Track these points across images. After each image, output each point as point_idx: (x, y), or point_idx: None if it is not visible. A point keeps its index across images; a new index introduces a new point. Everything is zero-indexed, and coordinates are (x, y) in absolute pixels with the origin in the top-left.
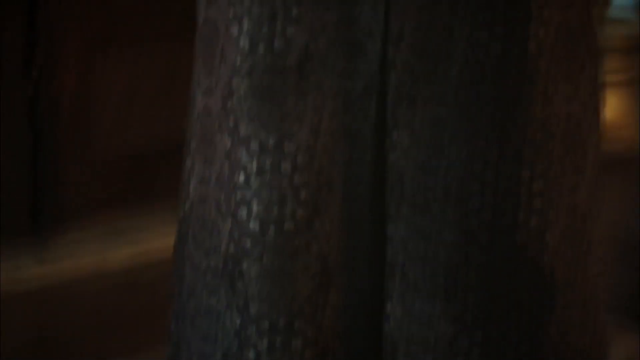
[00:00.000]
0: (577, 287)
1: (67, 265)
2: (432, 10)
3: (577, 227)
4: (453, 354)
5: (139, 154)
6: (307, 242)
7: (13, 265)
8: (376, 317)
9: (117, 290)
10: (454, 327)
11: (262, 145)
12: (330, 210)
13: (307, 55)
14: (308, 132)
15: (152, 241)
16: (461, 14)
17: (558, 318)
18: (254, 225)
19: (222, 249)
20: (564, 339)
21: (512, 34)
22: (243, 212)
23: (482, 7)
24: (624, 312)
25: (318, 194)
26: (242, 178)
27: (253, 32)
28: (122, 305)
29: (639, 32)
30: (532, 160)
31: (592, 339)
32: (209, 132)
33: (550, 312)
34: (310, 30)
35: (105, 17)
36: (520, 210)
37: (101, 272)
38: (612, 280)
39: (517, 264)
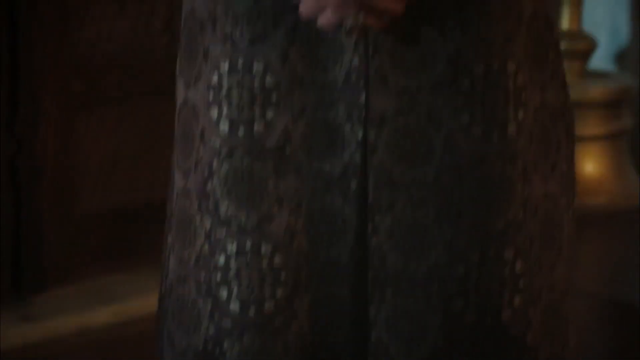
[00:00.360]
0: None
1: (50, 324)
2: (414, 94)
3: (556, 304)
4: None
5: (121, 212)
6: (287, 322)
7: None
8: None
9: (100, 348)
10: None
11: (242, 226)
12: (310, 290)
13: (286, 137)
14: (288, 213)
15: (135, 300)
16: (442, 98)
17: None
18: (234, 305)
19: (202, 329)
20: None
21: (492, 116)
22: (223, 293)
23: (462, 91)
24: None
25: (298, 275)
26: (222, 259)
27: (233, 115)
28: None
29: (619, 85)
30: (515, 240)
31: None
32: (188, 213)
33: None
34: (289, 114)
35: (87, 77)
36: (505, 290)
37: (84, 330)
38: (600, 341)
39: (503, 344)
